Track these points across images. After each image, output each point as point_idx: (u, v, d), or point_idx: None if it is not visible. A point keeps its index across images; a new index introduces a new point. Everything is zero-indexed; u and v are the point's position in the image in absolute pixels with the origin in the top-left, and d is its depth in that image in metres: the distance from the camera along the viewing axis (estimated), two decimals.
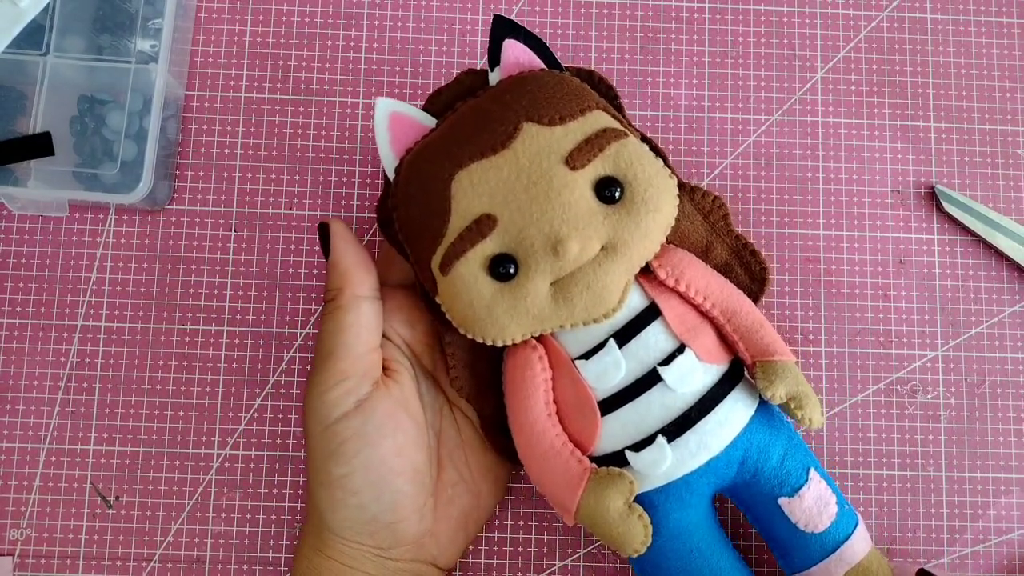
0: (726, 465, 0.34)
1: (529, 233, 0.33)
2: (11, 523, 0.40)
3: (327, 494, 0.34)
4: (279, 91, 0.44)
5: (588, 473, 0.33)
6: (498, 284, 0.33)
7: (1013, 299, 0.43)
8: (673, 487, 0.34)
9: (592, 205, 0.33)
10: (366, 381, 0.34)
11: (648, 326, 0.34)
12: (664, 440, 0.33)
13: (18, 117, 0.40)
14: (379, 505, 0.34)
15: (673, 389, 0.33)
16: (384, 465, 0.34)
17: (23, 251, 0.42)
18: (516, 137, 0.33)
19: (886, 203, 0.44)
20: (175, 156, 0.43)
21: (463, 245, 0.33)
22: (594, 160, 0.33)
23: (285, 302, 0.42)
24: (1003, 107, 0.45)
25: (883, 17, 0.45)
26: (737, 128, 0.44)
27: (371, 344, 0.35)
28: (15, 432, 0.41)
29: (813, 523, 0.34)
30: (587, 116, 0.34)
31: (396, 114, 0.35)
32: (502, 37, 0.36)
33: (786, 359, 0.35)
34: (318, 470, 0.34)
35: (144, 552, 0.40)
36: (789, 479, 0.34)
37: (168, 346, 0.42)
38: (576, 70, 0.36)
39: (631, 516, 0.33)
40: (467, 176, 0.33)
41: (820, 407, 0.35)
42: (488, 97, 0.35)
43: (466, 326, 0.34)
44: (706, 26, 0.45)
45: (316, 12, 0.44)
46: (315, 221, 0.43)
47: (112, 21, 0.41)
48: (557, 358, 0.35)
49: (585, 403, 0.34)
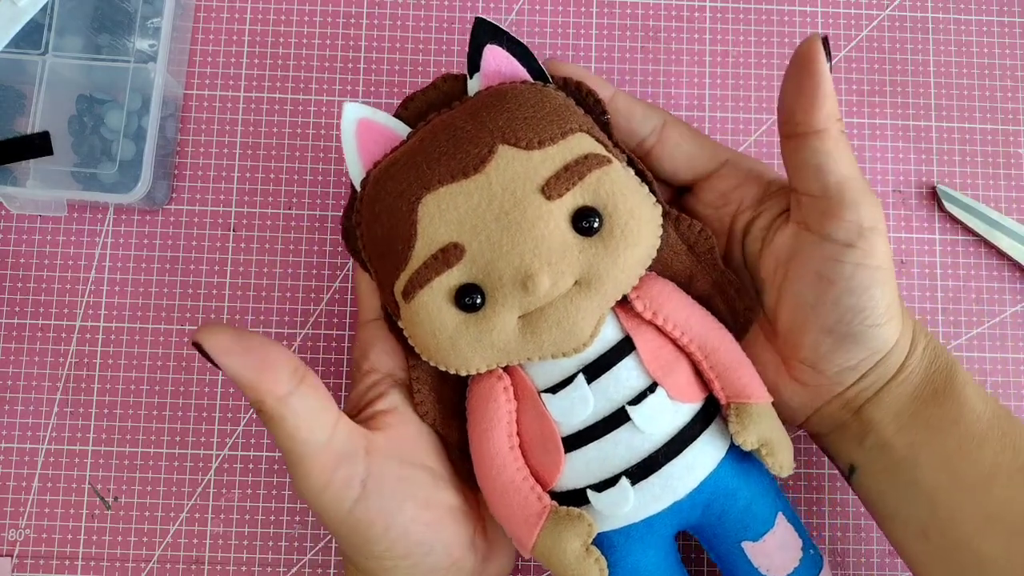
0: (691, 507, 0.33)
1: (498, 265, 0.31)
2: (10, 524, 0.40)
3: (376, 564, 0.33)
4: (278, 90, 0.44)
5: (547, 511, 0.32)
6: (463, 315, 0.32)
7: (1015, 299, 0.43)
8: (634, 528, 0.33)
9: (567, 237, 0.31)
10: (355, 459, 0.32)
11: (620, 361, 0.33)
12: (628, 482, 0.32)
13: (17, 117, 0.40)
14: (433, 557, 0.33)
15: (641, 430, 0.32)
16: (418, 523, 0.32)
17: (21, 251, 0.42)
18: (490, 161, 0.31)
19: (887, 203, 0.44)
20: (174, 155, 0.43)
21: (427, 274, 0.31)
22: (572, 189, 0.31)
23: (284, 302, 0.42)
24: (1005, 107, 0.45)
25: (884, 16, 0.45)
26: (738, 127, 0.44)
27: (328, 425, 0.31)
28: (13, 433, 0.41)
29: (775, 568, 0.33)
30: (568, 139, 0.32)
31: (365, 120, 0.34)
32: (483, 42, 0.34)
33: (762, 402, 0.33)
34: (356, 553, 0.33)
35: (143, 553, 0.40)
36: (755, 523, 0.33)
37: (167, 346, 0.42)
38: (563, 81, 0.35)
39: (587, 559, 0.32)
40: (435, 200, 0.31)
41: (791, 453, 0.34)
42: (463, 112, 0.33)
43: (428, 354, 0.33)
44: (707, 25, 0.45)
45: (315, 11, 0.44)
46: (314, 220, 0.43)
47: (111, 20, 0.40)
48: (523, 390, 0.33)
49: (549, 438, 0.33)
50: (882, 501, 0.34)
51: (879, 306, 0.32)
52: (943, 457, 0.33)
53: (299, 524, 0.41)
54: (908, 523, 0.33)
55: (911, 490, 0.33)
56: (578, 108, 0.34)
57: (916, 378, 0.34)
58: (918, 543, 0.33)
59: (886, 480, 0.34)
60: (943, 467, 0.33)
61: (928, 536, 0.33)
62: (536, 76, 0.35)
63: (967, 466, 0.32)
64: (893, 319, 0.33)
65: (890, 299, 0.32)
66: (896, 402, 0.33)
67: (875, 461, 0.34)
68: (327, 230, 0.43)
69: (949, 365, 0.34)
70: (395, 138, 0.34)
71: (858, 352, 0.33)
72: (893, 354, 0.33)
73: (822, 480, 0.41)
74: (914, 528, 0.33)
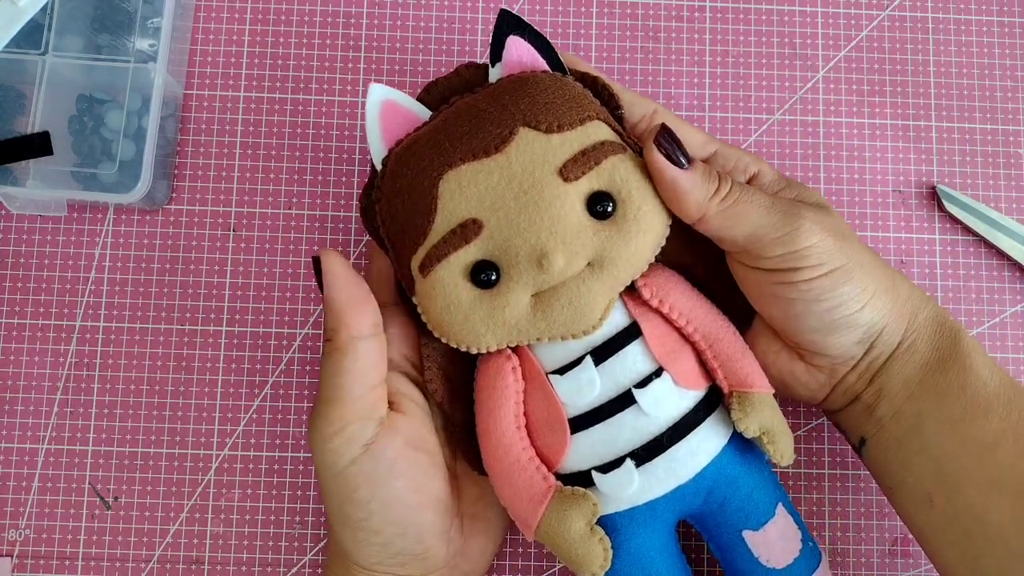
0: (693, 493, 0.33)
1: (515, 243, 0.32)
2: (10, 524, 0.40)
3: (349, 534, 0.34)
4: (278, 90, 0.44)
5: (552, 491, 0.33)
6: (477, 291, 0.32)
7: (1015, 299, 0.43)
8: (637, 511, 0.33)
9: (582, 219, 0.32)
10: (370, 423, 0.33)
11: (627, 346, 0.33)
12: (632, 464, 0.32)
13: (17, 116, 0.40)
14: (404, 540, 0.34)
15: (647, 413, 0.32)
16: (402, 503, 0.33)
17: (21, 251, 0.42)
18: (511, 142, 0.32)
19: (887, 203, 0.44)
20: (174, 155, 0.43)
21: (446, 248, 0.32)
22: (589, 173, 0.32)
23: (284, 302, 0.42)
24: (1005, 106, 0.45)
25: (884, 16, 0.45)
26: (738, 127, 0.44)
27: (373, 383, 0.33)
28: (14, 433, 0.41)
29: (775, 558, 0.34)
30: (586, 126, 0.33)
31: (389, 102, 0.34)
32: (506, 33, 0.35)
33: (763, 391, 0.34)
34: (336, 512, 0.34)
35: (143, 553, 0.40)
36: (756, 512, 0.34)
37: (167, 346, 0.42)
38: (580, 75, 0.36)
39: (592, 538, 0.32)
40: (456, 177, 0.32)
41: (792, 443, 0.34)
42: (486, 96, 0.34)
43: (440, 330, 0.33)
44: (707, 25, 0.45)
45: (315, 11, 0.44)
46: (315, 220, 0.43)
47: (111, 20, 0.40)
48: (531, 370, 0.34)
49: (555, 419, 0.33)
50: (889, 471, 0.35)
51: (850, 299, 0.33)
52: (950, 423, 0.33)
53: (299, 524, 0.41)
54: (915, 490, 0.34)
55: (919, 458, 0.34)
56: (595, 99, 0.35)
57: (922, 345, 0.34)
58: (924, 511, 0.34)
59: (893, 449, 0.34)
60: (950, 432, 0.33)
61: (933, 502, 0.33)
62: (555, 68, 0.35)
63: (973, 431, 0.33)
64: (873, 298, 0.33)
65: (860, 286, 0.33)
66: (904, 369, 0.34)
67: (884, 431, 0.34)
68: (327, 230, 0.43)
69: (954, 332, 0.34)
70: (417, 120, 0.35)
71: (852, 335, 0.34)
72: (890, 325, 0.34)
73: (822, 480, 0.41)
74: (920, 495, 0.34)
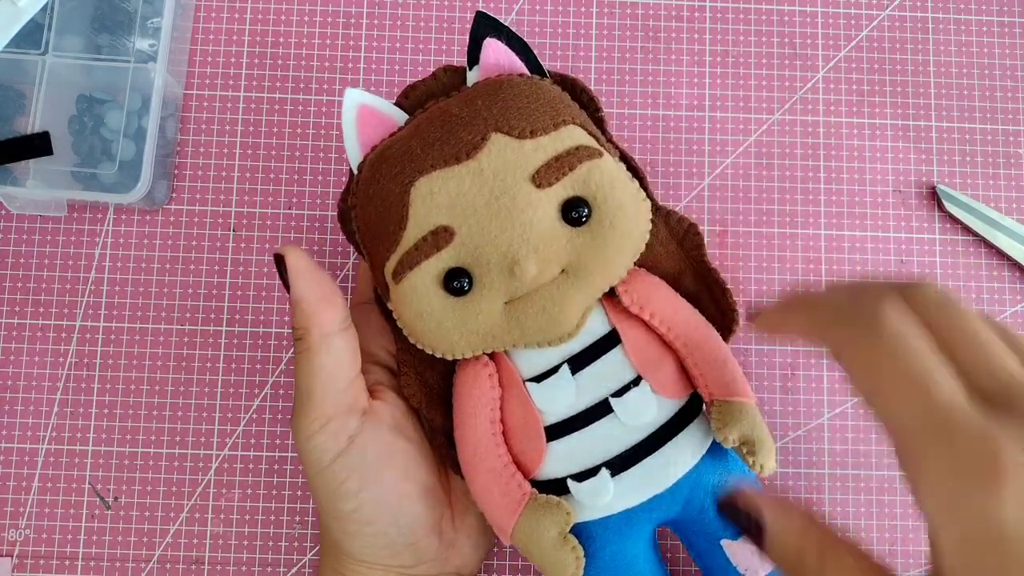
0: (671, 502, 0.33)
1: (486, 250, 0.31)
2: (10, 524, 0.40)
3: (340, 526, 0.34)
4: (278, 90, 0.44)
5: (527, 498, 0.32)
6: (451, 298, 0.32)
7: (1015, 299, 0.43)
8: (613, 519, 0.33)
9: (555, 226, 0.32)
10: (352, 416, 0.33)
11: (606, 354, 0.33)
12: (608, 473, 0.32)
13: (17, 116, 0.40)
14: (396, 530, 0.34)
15: (623, 422, 0.32)
16: (392, 493, 0.33)
17: (21, 251, 0.42)
18: (483, 148, 0.32)
19: (887, 203, 0.44)
20: (174, 155, 0.43)
21: (417, 256, 0.32)
22: (563, 179, 0.32)
23: (284, 302, 0.42)
24: (1005, 106, 0.45)
25: (884, 16, 0.45)
26: (738, 127, 0.44)
27: (349, 376, 0.33)
28: (13, 433, 0.41)
29: (753, 568, 0.33)
30: (560, 131, 0.32)
31: (365, 107, 0.34)
32: (483, 35, 0.34)
33: (744, 401, 0.33)
34: (326, 507, 0.34)
35: (143, 553, 0.40)
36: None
37: (167, 346, 0.42)
38: (560, 78, 0.35)
39: (564, 547, 0.32)
40: (427, 184, 0.32)
41: (774, 453, 0.33)
42: (460, 100, 0.33)
43: (415, 336, 0.33)
44: (707, 25, 0.45)
45: (315, 11, 0.44)
46: (314, 220, 0.43)
47: (111, 20, 0.40)
48: (509, 377, 0.34)
49: (532, 427, 0.33)
50: None
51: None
52: None
53: (299, 524, 0.41)
54: None
55: None
56: (573, 102, 0.34)
57: None
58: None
59: None
60: None
61: None
62: (534, 71, 0.35)
63: None
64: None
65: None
66: None
67: None
68: (327, 230, 0.43)
69: None
70: (393, 124, 0.34)
71: None
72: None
73: (822, 480, 0.41)
74: None
